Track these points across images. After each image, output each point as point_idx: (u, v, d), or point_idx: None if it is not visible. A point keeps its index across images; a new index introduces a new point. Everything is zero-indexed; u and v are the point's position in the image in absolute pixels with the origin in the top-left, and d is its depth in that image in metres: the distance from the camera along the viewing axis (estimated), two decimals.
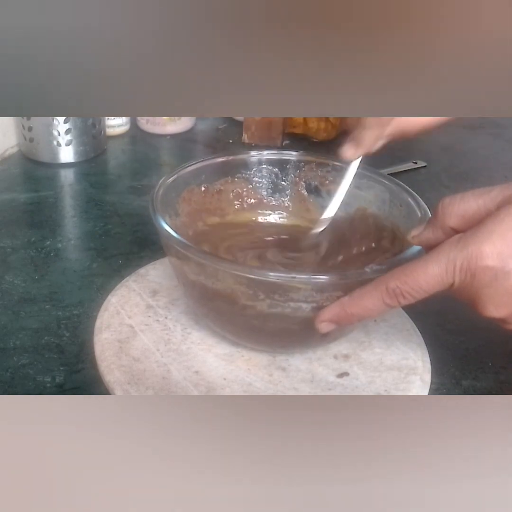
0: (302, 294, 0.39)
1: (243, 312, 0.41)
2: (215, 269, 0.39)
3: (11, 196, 0.70)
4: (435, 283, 0.35)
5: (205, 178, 0.52)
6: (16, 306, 0.52)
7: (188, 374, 0.43)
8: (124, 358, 0.44)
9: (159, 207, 0.43)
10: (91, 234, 0.64)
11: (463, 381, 0.46)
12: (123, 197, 0.72)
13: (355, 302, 0.38)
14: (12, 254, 0.59)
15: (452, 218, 0.36)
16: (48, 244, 0.61)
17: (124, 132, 0.88)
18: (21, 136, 0.79)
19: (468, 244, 0.33)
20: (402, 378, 0.44)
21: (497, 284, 0.33)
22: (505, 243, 0.33)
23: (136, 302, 0.50)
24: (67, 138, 0.77)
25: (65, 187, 0.75)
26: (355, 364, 0.45)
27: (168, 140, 0.88)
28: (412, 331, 0.48)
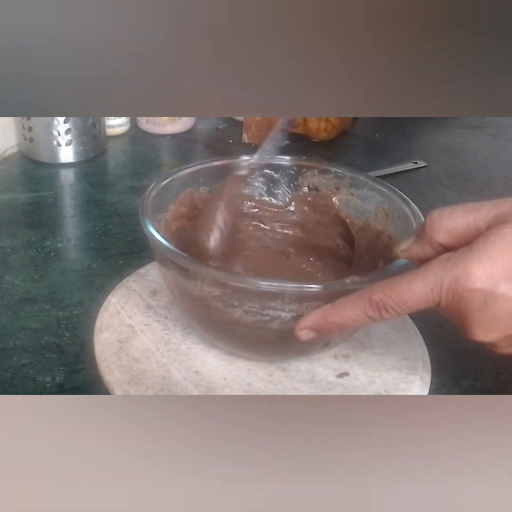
0: (279, 303, 0.38)
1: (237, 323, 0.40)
2: (196, 274, 0.39)
3: (11, 196, 0.70)
4: (420, 301, 0.34)
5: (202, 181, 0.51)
6: (16, 306, 0.52)
7: (188, 374, 0.43)
8: (124, 358, 0.44)
9: (149, 210, 0.43)
10: (91, 234, 0.64)
11: (463, 381, 0.46)
12: (123, 197, 0.72)
13: (337, 311, 0.36)
14: (12, 254, 0.59)
15: (440, 234, 0.35)
16: (48, 244, 0.61)
17: (124, 132, 0.88)
18: (21, 136, 0.79)
19: (456, 264, 0.32)
20: (402, 378, 0.44)
21: (485, 309, 0.32)
22: (495, 265, 0.32)
23: (136, 302, 0.50)
24: (67, 138, 0.77)
25: (65, 187, 0.75)
26: (355, 364, 0.45)
27: (168, 140, 0.88)
28: (412, 331, 0.48)
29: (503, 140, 0.93)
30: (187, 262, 0.38)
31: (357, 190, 0.50)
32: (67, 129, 0.76)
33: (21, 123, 0.77)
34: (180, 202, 0.50)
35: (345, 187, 0.51)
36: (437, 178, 0.80)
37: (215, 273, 0.39)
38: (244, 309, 0.39)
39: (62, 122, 0.76)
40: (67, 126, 0.76)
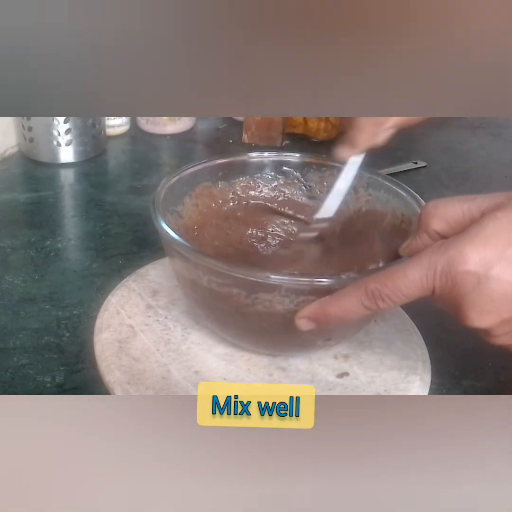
0: (276, 295, 0.38)
1: (241, 313, 0.41)
2: (212, 270, 0.39)
3: (11, 196, 0.70)
4: (415, 288, 0.34)
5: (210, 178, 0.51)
6: (16, 306, 0.52)
7: (188, 374, 0.43)
8: (124, 358, 0.44)
9: (160, 207, 0.43)
10: (91, 234, 0.64)
11: (463, 381, 0.46)
12: (123, 197, 0.71)
13: (334, 302, 0.37)
14: (12, 254, 0.59)
15: (435, 221, 0.35)
16: (48, 244, 0.61)
17: (124, 132, 0.88)
18: (21, 136, 0.79)
19: (449, 248, 0.33)
20: (402, 378, 0.44)
21: (479, 290, 0.32)
22: (489, 247, 0.32)
23: (136, 302, 0.50)
24: (67, 138, 0.77)
25: (65, 187, 0.75)
26: (355, 364, 0.45)
27: (168, 140, 0.88)
28: (412, 331, 0.48)
29: (503, 140, 0.93)
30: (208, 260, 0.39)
31: (374, 191, 0.50)
32: (67, 129, 0.76)
33: (21, 123, 0.77)
34: (197, 195, 0.50)
35: (363, 187, 0.51)
36: (437, 178, 0.80)
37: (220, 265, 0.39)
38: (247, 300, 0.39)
39: (62, 122, 0.76)
40: (67, 126, 0.76)
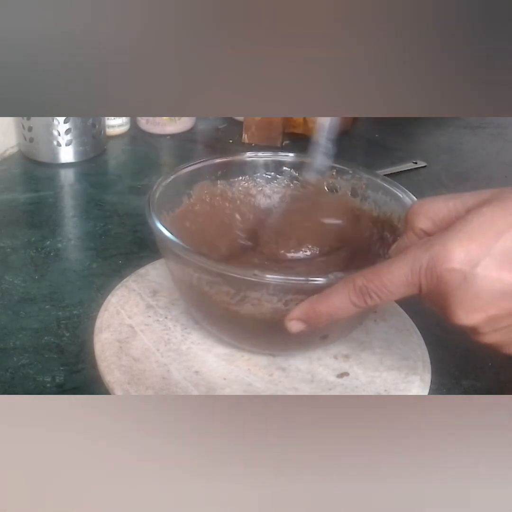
0: (264, 293, 0.38)
1: (232, 313, 0.41)
2: (201, 268, 0.39)
3: (11, 196, 0.70)
4: (400, 284, 0.34)
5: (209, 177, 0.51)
6: (16, 306, 0.52)
7: (188, 374, 0.43)
8: (124, 358, 0.44)
9: (155, 206, 0.43)
10: (91, 234, 0.64)
11: (463, 381, 0.46)
12: (123, 197, 0.71)
13: (323, 300, 0.37)
14: (12, 254, 0.59)
15: (421, 220, 0.36)
16: (48, 244, 0.61)
17: (124, 132, 0.88)
18: (21, 136, 0.79)
19: (434, 244, 0.32)
20: (402, 378, 0.44)
21: (465, 287, 0.32)
22: (473, 242, 0.31)
23: (136, 302, 0.50)
24: (67, 138, 0.77)
25: (65, 187, 0.75)
26: (355, 364, 0.45)
27: (168, 140, 0.88)
28: (412, 331, 0.48)
29: (503, 140, 0.93)
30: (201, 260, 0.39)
31: (372, 192, 0.50)
32: (67, 129, 0.76)
33: (21, 123, 0.77)
34: (196, 195, 0.50)
35: (361, 188, 0.51)
36: (437, 178, 0.80)
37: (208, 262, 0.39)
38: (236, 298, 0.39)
39: (62, 122, 0.76)
40: (67, 126, 0.76)
